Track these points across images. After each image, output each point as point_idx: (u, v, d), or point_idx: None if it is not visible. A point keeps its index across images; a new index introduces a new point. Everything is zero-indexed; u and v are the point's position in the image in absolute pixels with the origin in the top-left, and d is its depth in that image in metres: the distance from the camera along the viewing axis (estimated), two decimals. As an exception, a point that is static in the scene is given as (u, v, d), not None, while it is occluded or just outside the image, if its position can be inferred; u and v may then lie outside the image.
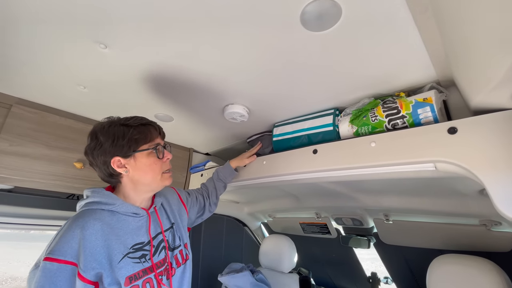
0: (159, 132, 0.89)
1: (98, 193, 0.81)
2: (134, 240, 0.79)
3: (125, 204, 0.81)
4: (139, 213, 0.84)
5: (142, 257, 0.78)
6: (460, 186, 1.02)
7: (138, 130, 0.82)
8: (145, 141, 0.83)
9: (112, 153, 0.79)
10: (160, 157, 0.85)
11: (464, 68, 0.71)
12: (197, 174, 1.65)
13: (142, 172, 0.83)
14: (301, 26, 0.68)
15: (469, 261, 1.11)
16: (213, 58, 0.86)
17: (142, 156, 0.82)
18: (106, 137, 0.79)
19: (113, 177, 0.84)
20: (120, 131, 0.80)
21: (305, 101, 1.11)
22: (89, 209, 0.78)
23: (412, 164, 0.80)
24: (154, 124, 0.89)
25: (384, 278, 1.93)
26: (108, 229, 0.75)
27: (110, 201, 0.79)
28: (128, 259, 0.75)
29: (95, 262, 0.70)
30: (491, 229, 1.25)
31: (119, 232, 0.77)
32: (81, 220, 0.73)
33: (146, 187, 0.86)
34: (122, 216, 0.80)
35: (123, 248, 0.75)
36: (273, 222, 2.23)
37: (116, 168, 0.80)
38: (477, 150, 0.67)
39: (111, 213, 0.79)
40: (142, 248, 0.80)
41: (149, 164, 0.83)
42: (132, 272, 0.74)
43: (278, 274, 1.74)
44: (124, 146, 0.79)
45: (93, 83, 1.05)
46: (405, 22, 0.66)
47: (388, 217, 1.55)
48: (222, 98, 1.12)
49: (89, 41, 0.81)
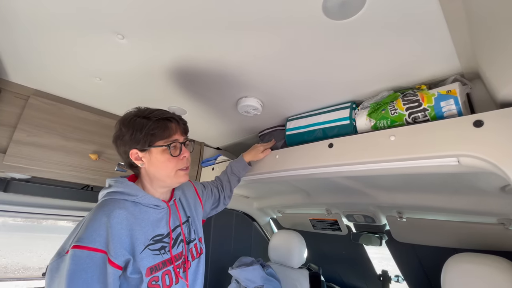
0: (180, 128, 0.87)
1: (122, 183, 0.81)
2: (154, 232, 0.80)
3: (147, 196, 0.81)
4: (160, 205, 0.84)
5: (162, 249, 0.79)
6: (480, 183, 0.99)
7: (157, 125, 0.81)
8: (161, 136, 0.81)
9: (130, 145, 0.81)
10: (174, 155, 0.83)
11: (492, 59, 0.68)
12: (208, 168, 1.65)
13: (156, 167, 0.83)
14: (323, 14, 0.67)
15: (486, 260, 1.08)
16: (229, 50, 0.85)
17: (157, 152, 0.82)
18: (127, 129, 0.81)
19: (133, 168, 0.87)
20: (140, 124, 0.80)
21: (321, 94, 1.09)
22: (112, 198, 0.78)
23: (434, 159, 0.78)
24: (176, 118, 0.87)
25: (395, 276, 1.91)
26: (132, 219, 0.76)
27: (133, 192, 0.80)
28: (148, 250, 0.75)
29: (123, 249, 0.71)
30: (509, 228, 1.21)
31: (141, 223, 0.78)
32: (107, 209, 0.74)
33: (161, 182, 0.86)
34: (144, 208, 0.81)
35: (144, 239, 0.76)
36: (283, 218, 2.22)
37: (134, 160, 0.82)
38: (504, 143, 0.65)
39: (133, 203, 0.80)
40: (162, 240, 0.80)
41: (163, 161, 0.82)
42: (153, 263, 0.75)
43: (287, 269, 1.74)
44: (141, 140, 0.79)
45: (108, 74, 1.06)
46: (432, 11, 0.64)
47: (401, 214, 1.53)
48: (236, 90, 1.11)
49: (107, 31, 0.81)
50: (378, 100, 0.97)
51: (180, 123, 0.88)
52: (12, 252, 9.77)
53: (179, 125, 0.87)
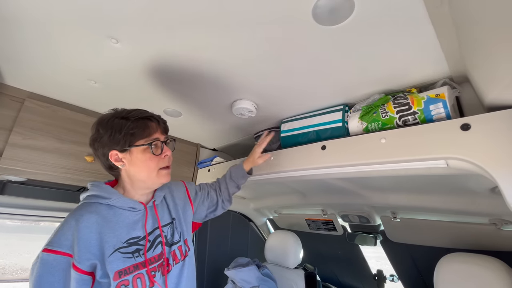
0: (160, 127, 0.86)
1: (96, 187, 0.81)
2: (129, 234, 0.78)
3: (121, 199, 0.81)
4: (136, 207, 0.83)
5: (136, 252, 0.77)
6: (471, 184, 1.00)
7: (136, 124, 0.80)
8: (141, 136, 0.81)
9: (109, 146, 0.79)
10: (156, 154, 0.82)
11: (479, 63, 0.70)
12: (204, 169, 1.66)
13: (137, 168, 0.82)
14: (313, 20, 0.68)
15: (478, 259, 1.10)
16: (223, 53, 0.86)
17: (137, 152, 0.81)
18: (105, 130, 0.80)
19: (113, 170, 0.85)
20: (118, 125, 0.79)
21: (314, 97, 1.10)
22: (88, 202, 0.79)
23: (423, 161, 0.79)
24: (155, 117, 0.86)
25: (390, 276, 1.92)
26: (103, 223, 0.76)
27: (106, 195, 0.80)
28: (118, 253, 0.74)
29: (89, 254, 0.71)
30: (501, 228, 1.23)
31: (114, 226, 0.77)
32: (77, 213, 0.75)
33: (142, 183, 0.85)
34: (119, 210, 0.80)
35: (115, 242, 0.75)
36: (279, 218, 2.23)
37: (114, 161, 0.80)
38: (491, 147, 0.66)
39: (108, 206, 0.79)
40: (137, 243, 0.79)
41: (144, 160, 0.81)
42: (122, 266, 0.73)
43: (283, 270, 1.75)
44: (121, 140, 0.79)
45: (104, 78, 1.07)
46: (419, 16, 0.65)
47: (395, 214, 1.54)
48: (231, 93, 1.12)
49: (101, 35, 0.81)
50: (369, 103, 0.98)
51: (160, 122, 0.88)
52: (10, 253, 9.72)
53: (159, 124, 0.87)
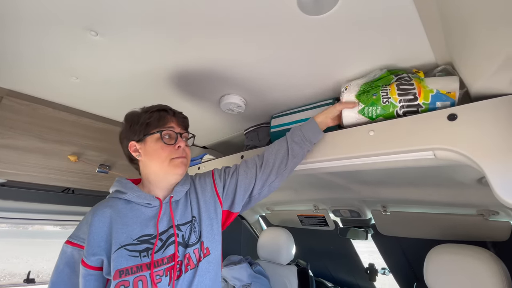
0: (177, 119, 0.87)
1: (117, 182, 0.84)
2: (142, 231, 0.75)
3: (137, 193, 0.80)
4: (152, 203, 0.80)
5: (145, 251, 0.72)
6: (458, 175, 1.01)
7: (151, 115, 0.83)
8: (156, 126, 0.82)
9: (129, 137, 0.83)
10: (168, 143, 0.81)
11: (464, 54, 0.69)
12: (194, 167, 1.63)
13: (150, 157, 0.81)
14: (298, 9, 0.66)
15: (466, 250, 1.12)
16: (209, 47, 0.83)
17: (151, 141, 0.81)
18: (127, 122, 0.85)
19: (133, 161, 0.87)
20: (137, 116, 0.84)
21: (304, 91, 1.09)
22: (110, 197, 0.82)
23: (411, 153, 0.79)
24: (173, 110, 0.88)
25: (381, 269, 1.95)
26: (116, 217, 0.75)
27: (124, 190, 0.80)
28: (124, 250, 0.70)
29: (97, 248, 0.70)
30: (488, 219, 1.25)
31: (128, 221, 0.75)
32: (96, 207, 0.78)
33: (156, 175, 0.83)
34: (136, 206, 0.80)
35: (124, 238, 0.72)
36: (271, 215, 2.23)
37: (132, 152, 0.83)
38: (477, 136, 0.66)
39: (126, 201, 0.80)
40: (148, 241, 0.74)
41: (156, 148, 0.80)
42: (124, 265, 0.68)
43: (276, 266, 1.75)
44: (137, 130, 0.82)
45: (85, 73, 1.03)
46: (405, 5, 0.64)
47: (386, 208, 1.56)
48: (218, 88, 1.10)
49: (79, 27, 0.78)
50: (370, 79, 0.89)
51: (177, 115, 0.88)
52: (-3, 259, 9.45)
53: (176, 116, 0.87)
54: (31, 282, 2.03)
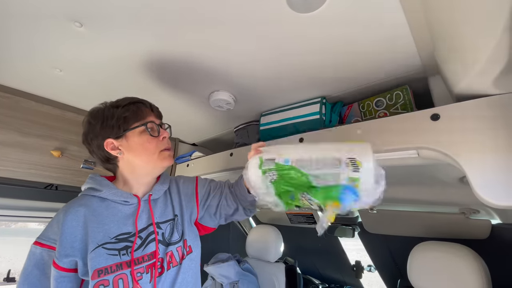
0: (154, 111, 0.84)
1: (91, 179, 0.80)
2: (120, 230, 0.73)
3: (113, 191, 0.77)
4: (129, 200, 0.78)
5: (124, 249, 0.71)
6: (441, 174, 1.04)
7: (127, 109, 0.78)
8: (135, 119, 0.78)
9: (103, 135, 0.77)
10: (154, 135, 0.79)
11: (448, 55, 0.71)
12: (183, 165, 1.62)
13: (135, 152, 0.78)
14: (288, 6, 0.66)
15: (448, 248, 1.15)
16: (197, 43, 0.82)
17: (134, 135, 0.78)
18: (96, 120, 0.78)
19: (110, 161, 0.81)
20: (109, 112, 0.78)
21: (292, 89, 1.09)
22: (82, 194, 0.78)
23: (396, 151, 0.80)
24: (145, 102, 0.84)
25: (367, 266, 1.98)
26: (91, 216, 0.72)
27: (99, 187, 0.77)
28: (102, 249, 0.68)
29: (70, 249, 0.67)
30: (469, 217, 1.29)
31: (104, 220, 0.73)
32: (68, 205, 0.74)
33: (143, 169, 0.81)
34: (111, 203, 0.77)
35: (101, 237, 0.70)
36: (261, 213, 2.23)
37: (110, 151, 0.77)
38: (458, 136, 0.68)
39: (101, 199, 0.77)
40: (127, 239, 0.73)
41: (142, 142, 0.78)
42: (103, 265, 0.66)
43: (264, 264, 1.75)
44: (114, 126, 0.76)
45: (69, 65, 1.00)
46: (392, 7, 0.65)
47: (372, 207, 1.58)
48: (208, 84, 1.09)
49: (63, 18, 0.75)
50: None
51: (153, 106, 0.86)
52: (-23, 257, 9.12)
53: (152, 108, 0.85)
54: (11, 281, 1.96)
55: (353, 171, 0.64)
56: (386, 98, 0.97)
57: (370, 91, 1.03)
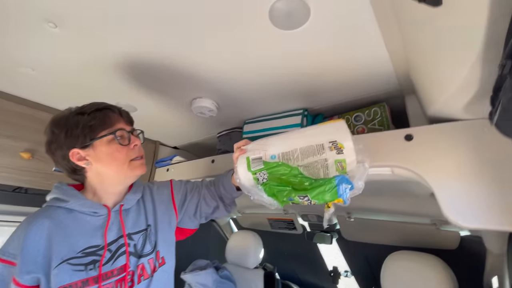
0: (123, 117, 0.79)
1: (57, 188, 0.75)
2: (87, 243, 0.69)
3: (81, 202, 0.73)
4: (98, 211, 0.74)
5: (91, 264, 0.67)
6: (415, 188, 1.08)
7: (94, 116, 0.73)
8: (103, 127, 0.73)
9: (68, 145, 0.72)
10: (123, 144, 0.74)
11: (422, 78, 0.74)
12: (163, 169, 1.58)
13: (104, 162, 0.74)
14: (271, 23, 0.66)
15: (419, 257, 1.21)
16: (180, 49, 0.81)
17: (101, 145, 0.73)
18: (60, 129, 0.72)
19: (77, 172, 0.76)
20: (74, 121, 0.72)
21: (275, 100, 1.10)
22: (48, 205, 0.73)
23: (371, 168, 0.82)
24: (114, 107, 0.79)
25: (344, 271, 2.03)
26: (55, 229, 0.68)
27: (65, 198, 0.72)
28: (67, 265, 0.65)
29: (32, 265, 0.63)
30: (440, 228, 1.35)
31: (71, 233, 0.69)
32: (31, 217, 0.69)
33: (113, 179, 0.77)
34: (79, 215, 0.72)
35: (66, 252, 0.66)
36: (242, 217, 2.22)
37: (77, 161, 0.72)
38: (429, 157, 0.71)
39: (67, 211, 0.72)
40: (95, 253, 0.69)
41: (111, 152, 0.73)
42: (67, 281, 0.63)
43: (243, 270, 1.75)
44: (80, 135, 0.71)
45: (42, 65, 0.95)
46: (370, 30, 0.67)
47: (350, 214, 1.62)
48: (190, 90, 1.07)
49: (36, 18, 0.71)
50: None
51: (122, 112, 0.80)
52: None
53: (121, 114, 0.79)
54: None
55: (337, 153, 0.67)
56: (365, 113, 1.00)
57: (349, 106, 1.06)
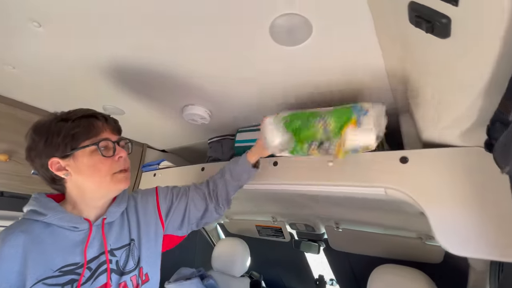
0: (109, 126, 0.74)
1: (35, 200, 0.69)
2: (65, 261, 0.64)
3: (60, 215, 0.67)
4: (79, 226, 0.69)
5: (68, 284, 0.62)
6: (405, 207, 1.09)
7: (78, 124, 0.68)
8: (86, 136, 0.68)
9: (47, 154, 0.67)
10: (107, 155, 0.69)
11: (420, 101, 0.74)
12: (149, 174, 1.53)
13: (85, 174, 0.69)
14: (272, 40, 0.64)
15: (404, 272, 1.23)
16: (173, 55, 0.77)
17: (83, 155, 0.68)
18: (40, 136, 0.67)
19: (56, 182, 0.71)
20: (56, 128, 0.67)
21: (271, 111, 1.07)
22: (24, 218, 0.67)
23: (365, 187, 0.82)
24: (102, 115, 0.73)
25: (329, 280, 2.04)
26: (31, 245, 0.63)
27: (42, 211, 0.67)
28: (42, 285, 0.60)
29: (6, 284, 0.58)
30: (425, 242, 1.38)
31: (47, 250, 0.64)
32: (5, 232, 0.64)
33: (95, 192, 0.72)
34: (57, 229, 0.67)
35: (42, 271, 0.61)
36: (230, 223, 2.20)
37: (56, 171, 0.67)
38: (424, 182, 0.71)
39: (45, 225, 0.66)
40: (73, 271, 0.64)
41: (93, 164, 0.68)
42: None
43: (229, 278, 1.72)
44: (60, 144, 0.66)
45: (23, 64, 0.88)
46: (372, 48, 0.66)
47: (338, 225, 1.63)
48: (182, 97, 1.03)
49: (19, 16, 0.66)
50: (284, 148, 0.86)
51: (109, 120, 0.75)
52: None
53: (108, 122, 0.74)
54: None
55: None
56: (360, 130, 0.99)
57: (345, 121, 1.05)
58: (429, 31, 0.44)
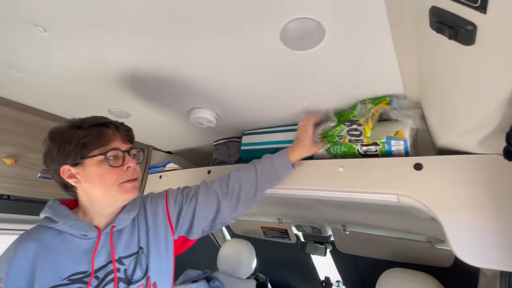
0: (120, 134, 0.74)
1: (50, 207, 0.71)
2: (75, 268, 0.64)
3: (70, 223, 0.68)
4: (88, 234, 0.69)
5: None
6: (416, 212, 1.07)
7: (88, 132, 0.68)
8: (96, 145, 0.69)
9: (60, 161, 0.68)
10: (115, 165, 0.69)
11: (435, 108, 0.71)
12: (155, 176, 1.52)
13: (93, 183, 0.69)
14: (282, 44, 0.62)
15: (413, 276, 1.21)
16: (181, 60, 0.76)
17: (92, 164, 0.68)
18: (54, 143, 0.69)
19: (68, 189, 0.73)
20: (69, 135, 0.68)
21: (278, 114, 1.06)
22: (38, 225, 0.70)
23: (377, 194, 0.80)
24: (114, 124, 0.74)
25: (336, 282, 2.03)
26: (42, 253, 0.63)
27: (55, 218, 0.68)
28: None
29: None
30: (435, 246, 1.35)
31: (57, 257, 0.64)
32: (19, 239, 0.66)
33: (103, 201, 0.72)
34: (69, 237, 0.68)
35: (50, 278, 0.61)
36: (235, 224, 2.19)
37: (67, 178, 0.69)
38: (439, 190, 0.68)
39: (57, 232, 0.68)
40: (81, 280, 0.64)
41: (100, 173, 0.68)
42: None
43: (235, 280, 1.71)
44: (71, 152, 0.67)
45: (28, 68, 0.87)
46: (387, 51, 0.63)
47: (345, 228, 1.61)
48: (189, 100, 1.02)
49: (25, 21, 0.65)
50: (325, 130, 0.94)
51: (121, 129, 0.75)
52: None
53: (119, 131, 0.74)
54: None
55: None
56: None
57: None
58: (452, 38, 0.42)
